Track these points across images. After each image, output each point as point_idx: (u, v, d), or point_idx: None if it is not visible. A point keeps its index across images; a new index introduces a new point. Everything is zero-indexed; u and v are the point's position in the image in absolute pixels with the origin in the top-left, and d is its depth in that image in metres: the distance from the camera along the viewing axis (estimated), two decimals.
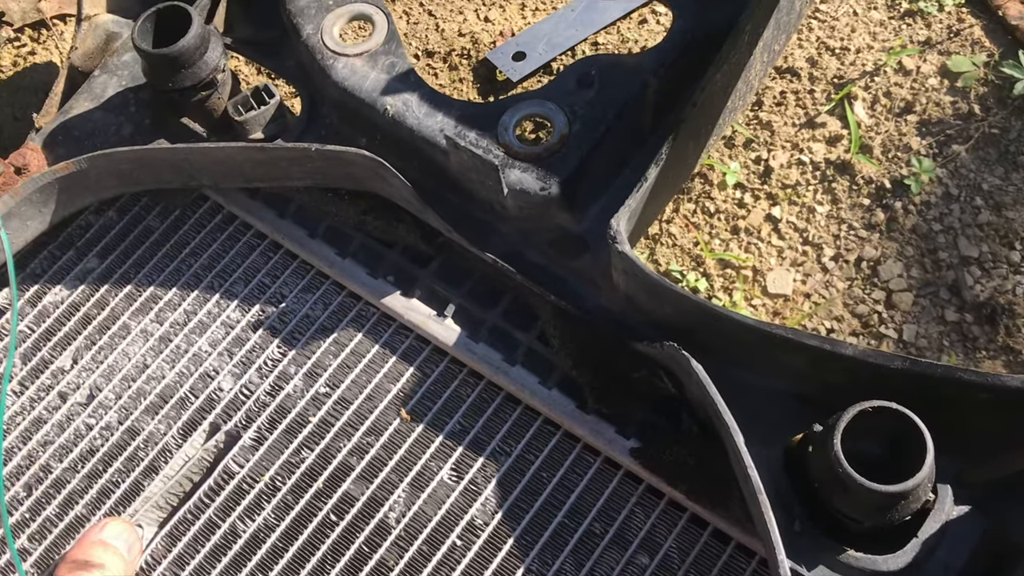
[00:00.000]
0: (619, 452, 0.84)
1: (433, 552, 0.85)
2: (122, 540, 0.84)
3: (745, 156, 1.12)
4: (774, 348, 0.76)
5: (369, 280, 0.96)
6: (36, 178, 0.97)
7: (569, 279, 0.89)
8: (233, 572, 0.86)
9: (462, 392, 0.92)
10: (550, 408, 0.87)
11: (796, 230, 1.08)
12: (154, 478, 0.92)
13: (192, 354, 0.97)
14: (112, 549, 0.82)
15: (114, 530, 0.84)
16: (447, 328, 0.93)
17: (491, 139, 0.90)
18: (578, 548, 0.83)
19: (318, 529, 0.87)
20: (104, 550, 0.82)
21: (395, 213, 0.96)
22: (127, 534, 0.85)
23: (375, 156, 0.88)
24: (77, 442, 0.95)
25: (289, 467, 0.90)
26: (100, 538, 0.83)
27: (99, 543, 0.82)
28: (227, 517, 0.88)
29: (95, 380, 0.98)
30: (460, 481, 0.88)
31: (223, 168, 0.96)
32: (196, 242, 1.03)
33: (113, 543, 0.83)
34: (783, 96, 1.14)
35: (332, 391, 0.93)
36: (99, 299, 1.02)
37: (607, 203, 0.89)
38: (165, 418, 0.95)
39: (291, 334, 0.97)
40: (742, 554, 0.81)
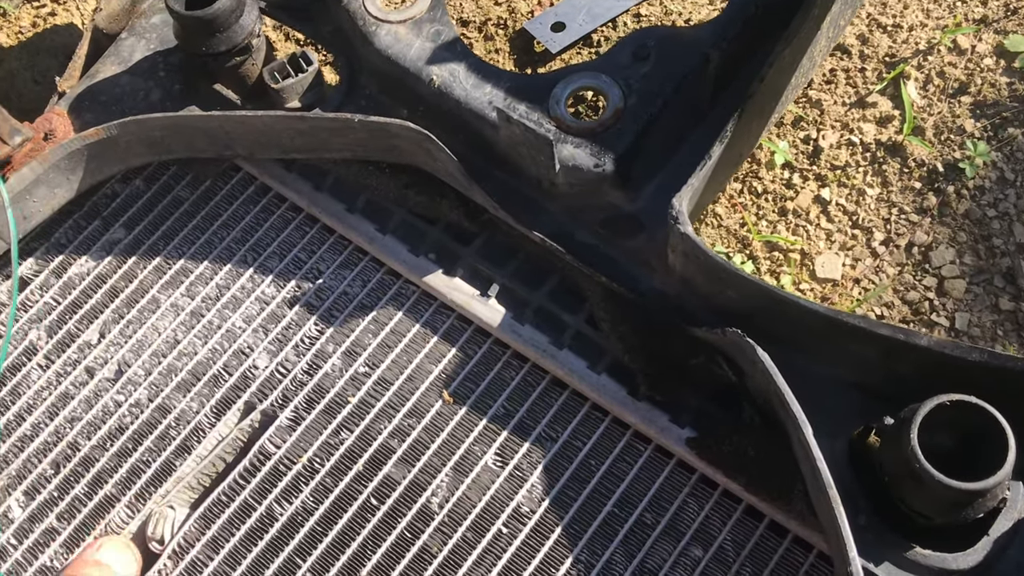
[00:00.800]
0: (672, 441, 0.81)
1: (478, 539, 0.82)
2: (118, 561, 0.81)
3: (794, 135, 1.08)
4: (843, 337, 0.73)
5: (410, 257, 0.93)
6: (65, 144, 0.93)
7: (621, 260, 0.86)
8: (270, 556, 0.83)
9: (506, 375, 0.89)
10: (599, 394, 0.85)
11: (845, 213, 1.04)
12: (186, 458, 0.89)
13: (225, 330, 0.94)
14: (106, 570, 0.79)
15: (109, 550, 0.81)
16: (491, 308, 0.89)
17: (542, 112, 0.87)
18: (628, 538, 0.81)
19: (358, 513, 0.84)
20: (98, 571, 0.79)
21: (438, 188, 0.92)
22: (123, 555, 0.82)
23: (421, 128, 0.85)
24: (106, 419, 0.92)
25: (328, 448, 0.87)
26: (95, 558, 0.80)
27: (92, 564, 0.79)
28: (263, 499, 0.86)
29: (124, 355, 0.94)
30: (505, 466, 0.85)
31: (261, 138, 0.93)
32: (228, 214, 1.00)
33: (108, 563, 0.80)
34: (833, 74, 1.10)
35: (372, 371, 0.90)
36: (127, 271, 0.99)
37: (663, 181, 0.86)
38: (197, 396, 0.91)
39: (328, 311, 0.93)
40: (799, 548, 0.78)
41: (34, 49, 1.26)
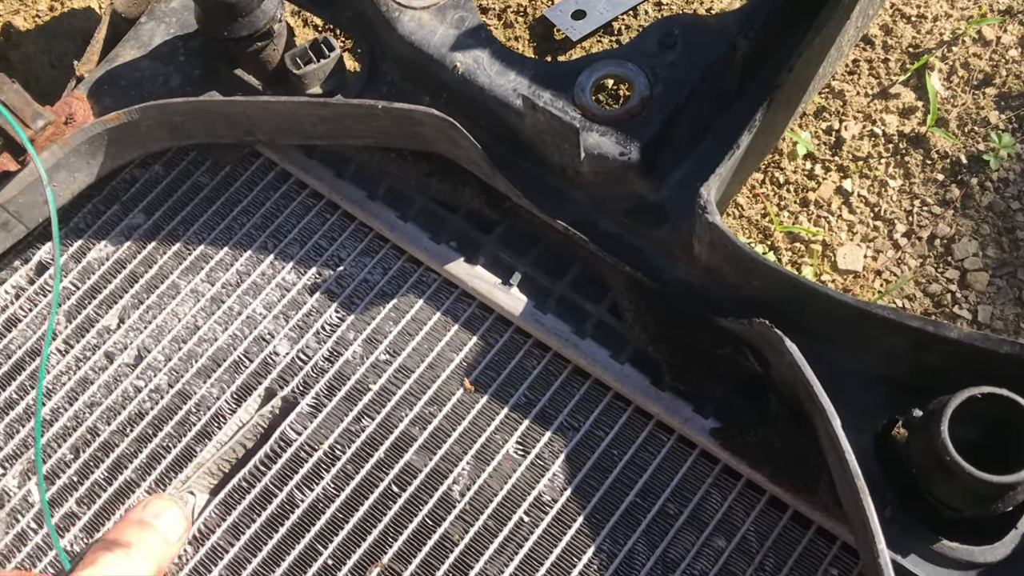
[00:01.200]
0: (696, 431, 0.81)
1: (500, 528, 0.82)
2: (164, 520, 0.80)
3: (816, 126, 1.08)
4: (871, 328, 0.73)
5: (431, 245, 0.92)
6: (85, 128, 0.92)
7: (645, 249, 0.86)
8: (291, 542, 0.83)
9: (527, 364, 0.88)
10: (622, 383, 0.84)
11: (867, 204, 1.04)
12: (207, 444, 0.89)
13: (246, 316, 0.94)
14: (150, 529, 0.79)
15: (155, 509, 0.81)
16: (513, 297, 0.89)
17: (567, 100, 0.86)
18: (651, 528, 0.80)
19: (379, 500, 0.84)
20: (141, 530, 0.79)
21: (460, 176, 0.92)
22: (171, 513, 0.81)
23: (445, 116, 0.84)
24: (125, 404, 0.92)
25: (349, 436, 0.87)
26: (140, 517, 0.80)
27: (137, 523, 0.79)
28: (284, 486, 0.86)
29: (143, 340, 0.94)
30: (526, 455, 0.85)
31: (283, 123, 0.92)
32: (248, 200, 0.99)
33: (153, 523, 0.80)
34: (856, 65, 1.10)
35: (393, 359, 0.90)
36: (146, 256, 0.98)
37: (689, 170, 0.85)
38: (218, 382, 0.91)
39: (349, 299, 0.93)
40: (823, 539, 0.78)
41: (51, 33, 1.26)
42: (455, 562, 0.81)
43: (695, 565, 0.79)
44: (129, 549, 0.77)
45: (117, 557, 0.76)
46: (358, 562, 0.82)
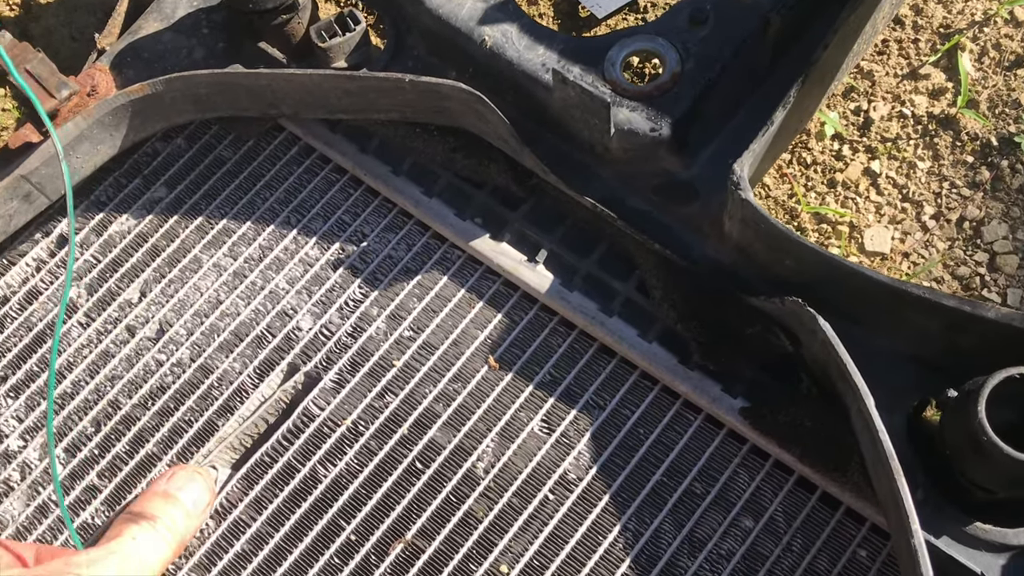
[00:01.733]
0: (724, 411, 0.80)
1: (524, 505, 0.81)
2: (188, 492, 0.80)
3: (844, 106, 1.06)
4: (905, 308, 0.72)
5: (456, 221, 0.92)
6: (109, 100, 0.92)
7: (674, 227, 0.85)
8: (314, 518, 0.83)
9: (552, 342, 0.88)
10: (649, 362, 0.83)
11: (895, 186, 1.03)
12: (229, 418, 0.89)
13: (269, 291, 0.93)
14: (173, 501, 0.79)
15: (180, 481, 0.80)
16: (539, 274, 0.88)
17: (596, 75, 0.85)
18: (677, 508, 0.80)
19: (403, 476, 0.84)
20: (165, 502, 0.79)
21: (486, 151, 0.91)
22: (195, 484, 0.81)
23: (473, 90, 0.83)
24: (147, 378, 0.91)
25: (372, 412, 0.86)
26: (164, 489, 0.80)
27: (161, 495, 0.79)
28: (307, 461, 0.85)
29: (165, 314, 0.94)
30: (551, 433, 0.84)
31: (308, 97, 0.91)
32: (271, 175, 0.98)
33: (177, 495, 0.79)
34: (885, 45, 1.08)
35: (416, 335, 0.89)
36: (168, 230, 0.98)
37: (719, 147, 0.84)
38: (240, 356, 0.91)
39: (373, 274, 0.92)
40: (852, 520, 0.77)
41: (71, 6, 1.25)
42: (479, 539, 0.80)
43: (722, 545, 0.78)
44: (154, 522, 0.77)
45: (142, 530, 0.76)
46: (381, 538, 0.81)
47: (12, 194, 0.91)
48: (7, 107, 1.24)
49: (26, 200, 0.93)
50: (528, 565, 0.79)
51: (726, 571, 0.77)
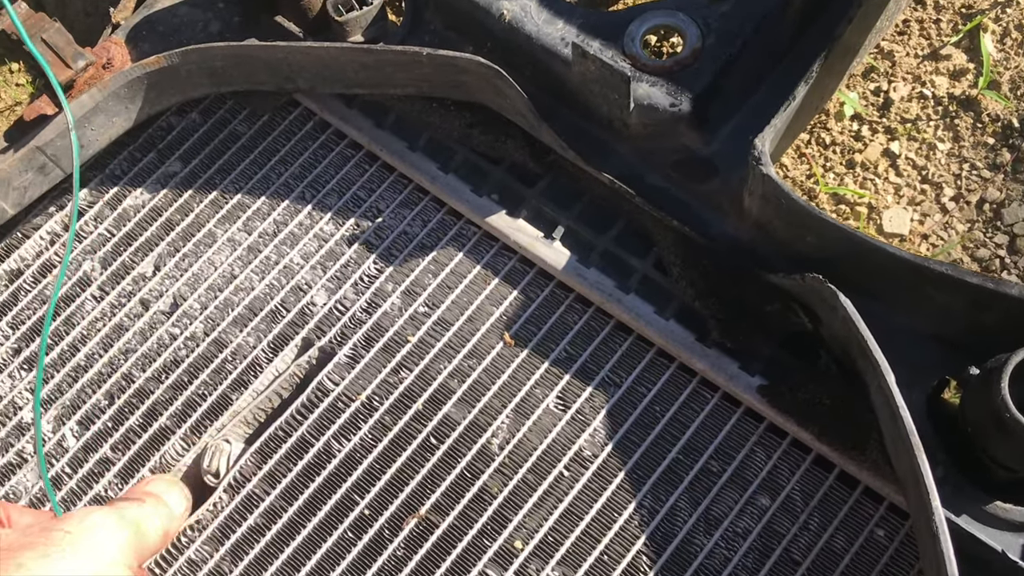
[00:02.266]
0: (741, 388, 0.80)
1: (539, 481, 0.81)
2: (169, 496, 0.79)
3: (864, 86, 1.05)
4: (927, 285, 0.71)
5: (472, 197, 0.91)
6: (125, 72, 0.91)
7: (692, 204, 0.84)
8: (327, 492, 0.83)
9: (568, 318, 0.87)
10: (666, 339, 0.83)
11: (915, 167, 1.02)
12: (242, 392, 0.88)
13: (283, 266, 0.93)
14: (156, 498, 0.78)
15: (159, 487, 0.80)
16: (555, 251, 0.88)
17: (616, 50, 0.84)
18: (693, 485, 0.79)
19: (417, 452, 0.83)
20: (150, 495, 0.78)
21: (503, 127, 0.90)
22: (173, 492, 0.80)
23: (491, 64, 0.82)
24: (161, 352, 0.91)
25: (387, 387, 0.86)
26: (146, 489, 0.79)
27: (146, 493, 0.78)
28: (321, 435, 0.85)
29: (179, 288, 0.93)
30: (566, 410, 0.84)
31: (324, 71, 0.90)
32: (286, 150, 0.98)
33: (160, 496, 0.79)
34: (907, 25, 1.07)
35: (431, 311, 0.89)
36: (182, 204, 0.97)
37: (739, 123, 0.83)
38: (254, 331, 0.90)
39: (388, 250, 0.92)
40: (869, 499, 0.77)
41: None
42: (494, 514, 0.80)
43: (738, 523, 0.78)
44: (143, 503, 0.76)
45: (132, 504, 0.75)
46: (395, 512, 0.81)
47: (27, 166, 0.91)
48: (21, 82, 1.24)
49: (41, 172, 0.93)
50: (543, 541, 0.79)
51: (742, 549, 0.76)
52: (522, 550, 0.79)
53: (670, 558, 0.77)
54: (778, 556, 0.76)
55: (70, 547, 0.66)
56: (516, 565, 0.78)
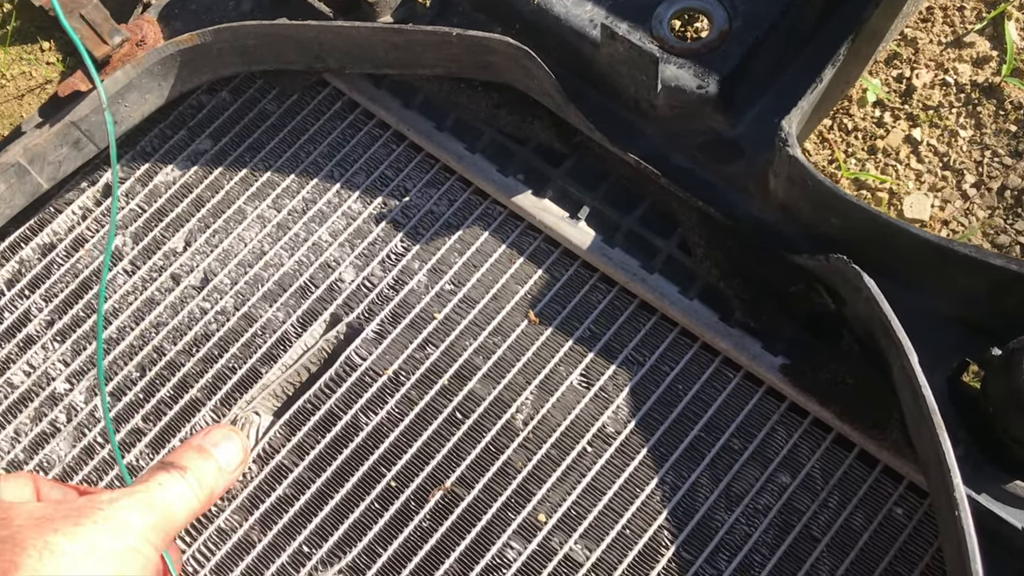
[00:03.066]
0: (764, 368, 0.81)
1: (562, 457, 0.83)
2: (222, 448, 0.80)
3: (886, 73, 1.06)
4: (950, 267, 0.72)
5: (498, 177, 0.92)
6: (159, 48, 0.93)
7: (718, 185, 0.85)
8: (355, 463, 0.84)
9: (592, 298, 0.88)
10: (690, 319, 0.84)
11: (936, 154, 1.02)
12: (272, 366, 0.90)
13: (312, 243, 0.94)
14: (206, 455, 0.79)
15: (215, 438, 0.80)
16: (580, 231, 0.89)
17: (644, 32, 0.85)
18: (715, 462, 0.81)
19: (443, 426, 0.85)
20: (198, 455, 0.78)
21: (531, 108, 0.91)
22: (230, 443, 0.80)
23: (521, 45, 0.84)
24: (191, 325, 0.93)
25: (413, 362, 0.87)
26: (199, 443, 0.80)
27: (195, 448, 0.79)
28: (349, 409, 0.86)
29: (209, 264, 0.95)
30: (590, 388, 0.85)
31: (355, 50, 0.92)
32: (315, 129, 0.99)
33: (211, 450, 0.79)
34: (930, 12, 1.08)
35: (457, 289, 0.90)
36: (212, 182, 0.99)
37: (765, 106, 0.84)
38: (283, 306, 0.92)
39: (415, 229, 0.93)
40: (889, 478, 0.78)
41: None
42: (517, 488, 0.82)
43: (759, 500, 0.79)
44: (184, 472, 0.76)
45: (172, 478, 0.75)
46: (421, 484, 0.83)
47: (62, 140, 0.92)
48: (52, 60, 1.26)
49: (75, 147, 0.94)
50: (565, 514, 0.80)
51: (763, 525, 0.78)
52: (545, 523, 0.80)
53: (691, 533, 0.78)
54: (798, 532, 0.77)
55: (102, 522, 0.68)
56: (540, 537, 0.80)
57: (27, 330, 0.95)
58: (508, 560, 0.79)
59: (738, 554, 0.77)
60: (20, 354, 0.94)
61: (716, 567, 0.77)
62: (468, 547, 0.80)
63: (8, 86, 1.21)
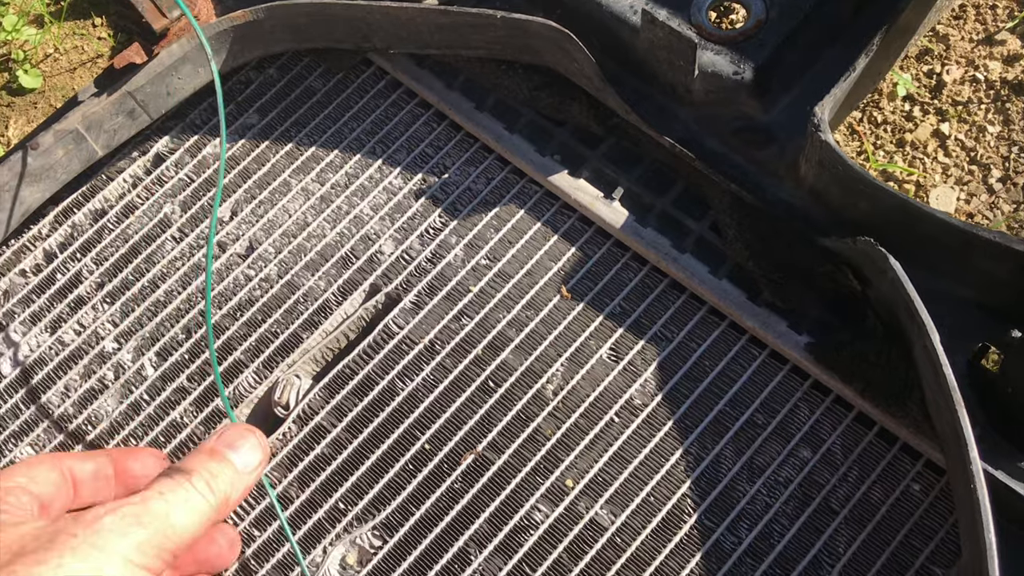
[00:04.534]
0: (789, 346, 0.84)
1: (591, 426, 0.86)
2: (237, 449, 0.76)
3: (917, 68, 1.08)
4: (975, 252, 0.75)
5: (536, 157, 0.95)
6: (213, 24, 0.96)
7: (750, 170, 0.88)
8: (390, 427, 0.88)
9: (624, 276, 0.91)
10: (718, 297, 0.87)
11: (964, 149, 1.05)
12: (312, 332, 0.93)
13: (353, 216, 0.98)
14: (219, 457, 0.75)
15: (230, 437, 0.76)
16: (614, 211, 0.92)
17: (682, 19, 0.88)
18: (739, 436, 0.83)
19: (476, 393, 0.88)
20: (210, 459, 0.74)
21: (569, 91, 0.95)
22: (245, 442, 0.77)
23: (562, 28, 0.87)
24: (236, 291, 0.96)
25: (448, 332, 0.91)
26: (211, 446, 0.76)
27: (207, 452, 0.75)
28: (386, 374, 0.90)
29: (255, 233, 0.99)
30: (619, 361, 0.88)
31: (401, 31, 0.95)
32: (359, 107, 1.03)
33: (225, 452, 0.75)
34: (963, 10, 1.10)
35: (492, 264, 0.93)
36: (259, 155, 1.03)
37: (798, 94, 0.87)
38: (325, 275, 0.96)
39: (453, 205, 0.97)
40: (907, 455, 0.81)
41: None
42: (546, 455, 0.85)
43: (780, 472, 0.82)
44: (190, 478, 0.71)
45: (175, 485, 0.70)
46: (454, 448, 0.86)
47: (118, 109, 0.96)
48: (103, 36, 1.30)
49: (130, 116, 0.98)
50: (592, 481, 0.83)
51: (783, 497, 0.81)
52: (572, 488, 0.83)
53: (713, 502, 0.81)
54: (817, 505, 0.80)
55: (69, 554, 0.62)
56: (567, 502, 0.83)
57: (78, 291, 0.99)
58: (536, 522, 0.82)
59: (758, 523, 0.80)
60: (71, 314, 0.98)
61: (737, 535, 0.80)
62: (497, 509, 0.83)
63: (61, 59, 1.25)
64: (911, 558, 0.77)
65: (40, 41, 1.27)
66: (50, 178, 0.97)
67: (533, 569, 0.81)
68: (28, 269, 1.00)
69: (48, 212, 1.02)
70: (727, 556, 0.79)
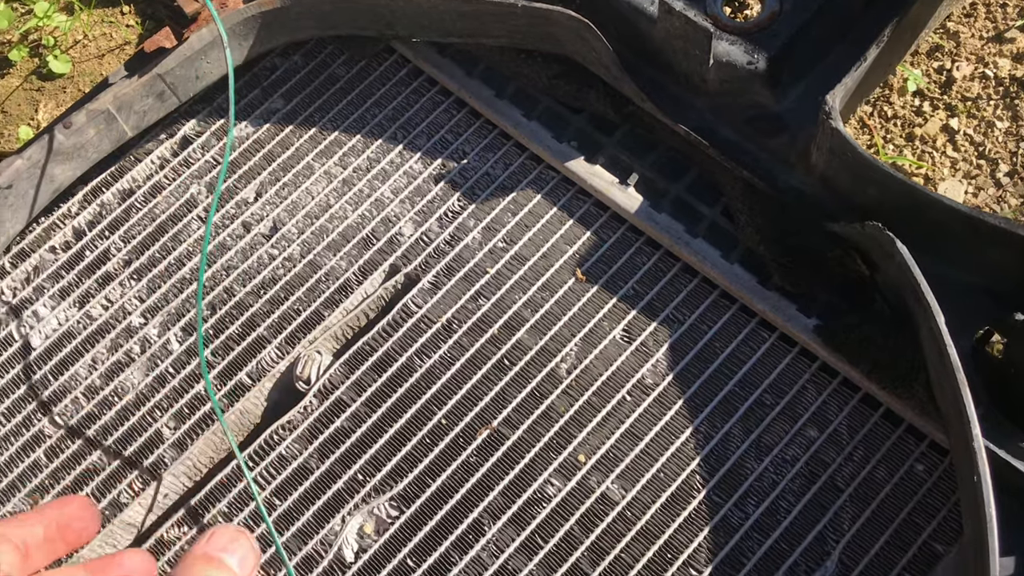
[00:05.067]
0: (799, 329, 0.86)
1: (603, 404, 0.88)
2: (231, 554, 0.71)
3: (928, 64, 1.10)
4: (980, 238, 0.77)
5: (553, 143, 0.98)
6: (242, 10, 0.99)
7: (762, 157, 0.90)
8: (408, 402, 0.90)
9: (638, 260, 0.94)
10: (729, 281, 0.89)
11: (972, 143, 1.07)
12: (334, 310, 0.96)
13: (374, 199, 1.00)
14: (216, 563, 0.70)
15: (221, 540, 0.71)
16: (629, 196, 0.94)
17: (698, 9, 0.90)
18: (747, 416, 0.86)
19: (491, 371, 0.90)
20: (206, 565, 0.70)
21: (587, 79, 0.97)
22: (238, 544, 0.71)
23: (581, 17, 0.89)
24: (260, 270, 0.99)
25: (465, 312, 0.93)
26: (204, 551, 0.70)
27: (201, 558, 0.70)
28: (404, 352, 0.92)
29: (278, 214, 1.02)
30: (631, 342, 0.90)
31: (423, 19, 0.98)
32: (381, 93, 1.06)
33: (220, 556, 0.70)
34: (973, 7, 1.12)
35: (509, 247, 0.96)
36: (283, 139, 1.05)
37: (810, 85, 0.89)
38: (346, 256, 0.98)
39: (471, 189, 0.99)
40: (912, 436, 0.83)
41: None
42: (559, 431, 0.87)
43: (787, 451, 0.84)
44: None
45: None
46: (470, 423, 0.88)
47: (148, 91, 0.99)
48: (131, 23, 1.33)
49: (159, 99, 1.01)
50: (604, 456, 0.86)
51: (790, 474, 0.83)
52: (585, 463, 0.86)
53: (722, 479, 0.83)
54: (823, 482, 0.82)
55: None
56: (579, 476, 0.85)
57: (106, 268, 1.02)
58: (548, 495, 0.85)
59: (765, 500, 0.82)
60: (99, 289, 1.01)
61: (744, 511, 0.82)
62: (511, 482, 0.86)
63: (90, 46, 1.28)
64: (914, 535, 0.79)
65: (70, 28, 1.30)
66: (81, 157, 1.00)
67: (545, 541, 0.83)
68: (58, 246, 1.03)
69: (78, 191, 1.05)
70: (734, 531, 0.81)
